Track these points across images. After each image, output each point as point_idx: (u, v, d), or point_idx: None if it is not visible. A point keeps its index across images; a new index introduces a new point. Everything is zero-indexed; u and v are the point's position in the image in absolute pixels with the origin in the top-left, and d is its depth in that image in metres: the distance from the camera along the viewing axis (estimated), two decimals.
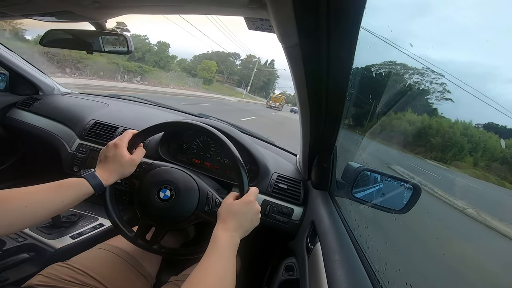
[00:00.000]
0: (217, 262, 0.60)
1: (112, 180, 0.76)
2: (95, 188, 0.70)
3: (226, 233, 0.66)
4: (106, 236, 1.02)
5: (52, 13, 0.84)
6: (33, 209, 0.60)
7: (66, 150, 1.36)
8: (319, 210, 0.96)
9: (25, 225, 0.60)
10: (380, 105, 1.70)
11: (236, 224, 0.69)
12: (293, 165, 1.34)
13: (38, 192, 0.62)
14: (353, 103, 1.08)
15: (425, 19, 27.68)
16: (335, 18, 0.40)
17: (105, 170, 0.75)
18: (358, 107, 1.37)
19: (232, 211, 0.71)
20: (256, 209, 0.74)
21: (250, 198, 0.74)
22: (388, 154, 4.73)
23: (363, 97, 1.35)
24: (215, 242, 0.64)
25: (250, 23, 0.66)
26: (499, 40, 7.40)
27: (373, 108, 1.55)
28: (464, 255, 2.32)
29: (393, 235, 1.81)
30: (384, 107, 1.81)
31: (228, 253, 0.63)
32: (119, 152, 0.77)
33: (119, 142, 0.79)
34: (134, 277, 0.86)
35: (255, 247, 1.30)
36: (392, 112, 2.43)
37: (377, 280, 0.62)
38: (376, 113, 1.60)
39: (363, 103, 1.37)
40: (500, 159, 3.46)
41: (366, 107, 1.46)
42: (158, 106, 1.85)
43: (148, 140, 1.27)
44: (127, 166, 0.78)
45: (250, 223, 0.73)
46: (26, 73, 1.61)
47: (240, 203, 0.73)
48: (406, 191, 0.96)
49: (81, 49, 1.12)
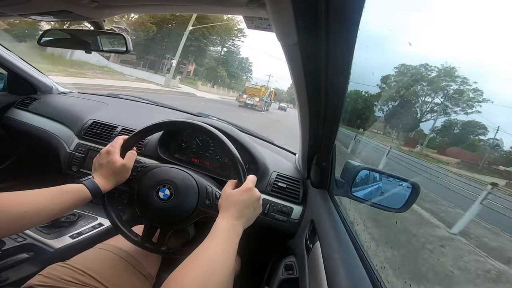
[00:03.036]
0: (210, 246, 0.61)
1: (109, 186, 0.77)
2: (93, 194, 0.72)
3: (227, 221, 0.67)
4: (106, 236, 1.02)
5: (50, 13, 0.84)
6: (32, 214, 0.60)
7: (64, 150, 1.36)
8: (319, 209, 0.96)
9: (23, 229, 0.61)
10: (380, 104, 1.70)
11: (237, 213, 0.70)
12: (292, 164, 1.34)
13: (37, 197, 0.63)
14: (353, 102, 1.08)
15: (424, 18, 27.81)
16: (334, 17, 0.40)
17: (102, 177, 0.76)
18: (357, 106, 1.37)
19: (232, 200, 0.72)
20: (256, 195, 0.75)
21: (248, 185, 0.75)
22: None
23: (363, 97, 1.35)
24: (214, 229, 0.65)
25: (249, 22, 0.66)
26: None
27: (372, 107, 1.56)
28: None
29: (392, 233, 1.82)
30: (383, 105, 1.81)
31: (226, 237, 0.64)
32: (111, 158, 0.78)
33: (111, 148, 0.80)
34: (134, 277, 0.86)
35: (254, 246, 1.31)
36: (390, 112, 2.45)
37: (376, 279, 0.62)
38: (376, 112, 1.61)
39: (363, 102, 1.37)
40: None
41: (366, 106, 1.46)
42: (158, 105, 1.85)
43: (147, 140, 1.27)
44: (120, 172, 0.79)
45: (252, 210, 0.73)
46: (24, 73, 1.61)
47: (239, 192, 0.73)
48: (405, 189, 0.96)
49: (79, 48, 1.12)
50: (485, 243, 3.33)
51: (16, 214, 0.57)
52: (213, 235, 0.63)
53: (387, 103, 21.75)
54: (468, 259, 2.70)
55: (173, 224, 0.84)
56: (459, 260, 2.67)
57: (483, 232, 3.66)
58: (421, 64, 27.50)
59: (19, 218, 0.58)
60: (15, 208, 0.58)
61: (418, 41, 32.53)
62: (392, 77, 26.56)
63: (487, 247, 3.13)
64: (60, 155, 1.37)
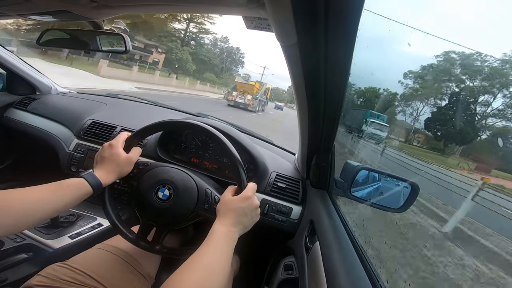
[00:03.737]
0: (208, 252, 0.61)
1: (110, 179, 0.76)
2: (94, 188, 0.71)
3: (224, 228, 0.67)
4: (105, 236, 1.02)
5: (49, 13, 0.84)
6: (32, 209, 0.60)
7: (64, 150, 1.36)
8: (318, 209, 0.96)
9: (24, 226, 0.60)
10: (379, 104, 1.70)
11: (235, 220, 0.70)
12: (292, 164, 1.34)
13: (37, 191, 0.62)
14: (352, 102, 1.08)
15: (423, 18, 27.55)
16: (333, 17, 0.40)
17: (103, 170, 0.76)
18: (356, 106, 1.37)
19: (231, 207, 0.72)
20: (255, 204, 0.75)
21: (248, 193, 0.75)
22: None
23: (361, 97, 1.35)
24: (211, 235, 0.65)
25: (249, 22, 0.66)
26: None
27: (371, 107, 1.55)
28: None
29: (392, 233, 1.82)
30: (382, 105, 1.81)
31: (223, 244, 0.64)
32: (115, 151, 0.78)
33: (115, 142, 0.80)
34: (133, 277, 0.85)
35: (254, 246, 1.31)
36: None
37: (376, 279, 0.62)
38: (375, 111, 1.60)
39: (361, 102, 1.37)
40: None
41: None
42: (157, 105, 1.85)
43: (147, 140, 1.27)
44: (124, 165, 0.79)
45: (250, 219, 0.73)
46: (23, 73, 1.60)
47: (238, 199, 0.73)
48: (404, 189, 0.97)
49: (78, 48, 1.12)
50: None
51: (16, 210, 0.57)
52: (210, 240, 0.64)
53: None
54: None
55: (169, 225, 0.84)
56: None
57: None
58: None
59: (19, 214, 0.57)
60: (14, 203, 0.57)
61: (416, 41, 30.89)
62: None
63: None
64: (59, 155, 1.37)
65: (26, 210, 0.58)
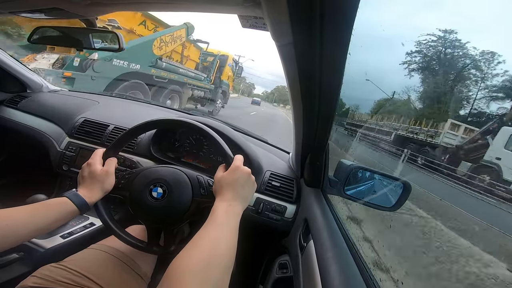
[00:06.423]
0: (212, 228, 0.61)
1: (95, 197, 0.76)
2: (79, 206, 0.71)
3: (224, 203, 0.68)
4: (98, 235, 1.01)
5: (41, 10, 0.82)
6: (14, 228, 0.59)
7: (55, 149, 1.34)
8: (312, 207, 0.97)
9: (7, 245, 0.59)
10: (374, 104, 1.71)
11: (233, 194, 0.70)
12: (286, 163, 1.35)
13: (20, 211, 0.62)
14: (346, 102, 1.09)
15: (419, 19, 27.76)
16: (329, 17, 0.41)
17: (85, 188, 0.76)
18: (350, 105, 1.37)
19: (224, 182, 0.73)
20: (246, 172, 0.76)
21: (236, 164, 0.76)
22: None
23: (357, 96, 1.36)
24: (213, 213, 0.65)
25: (244, 21, 0.66)
26: None
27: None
28: None
29: (385, 232, 1.85)
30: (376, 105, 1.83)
31: (226, 219, 0.64)
32: (93, 169, 0.78)
33: (91, 160, 0.80)
34: (129, 277, 0.85)
35: (249, 245, 1.31)
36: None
37: (369, 277, 0.63)
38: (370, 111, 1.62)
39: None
40: None
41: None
42: (150, 104, 1.84)
43: (140, 138, 1.26)
44: (103, 179, 0.78)
45: (247, 188, 0.75)
46: (13, 70, 1.58)
47: (229, 173, 0.74)
48: (396, 188, 0.98)
49: (70, 46, 1.11)
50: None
51: (2, 228, 0.56)
52: (213, 218, 0.63)
53: None
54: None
55: (175, 222, 0.82)
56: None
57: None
58: None
59: (6, 234, 0.57)
60: (1, 223, 0.57)
61: (410, 41, 30.95)
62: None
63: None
64: (50, 154, 1.36)
65: (7, 227, 0.58)
